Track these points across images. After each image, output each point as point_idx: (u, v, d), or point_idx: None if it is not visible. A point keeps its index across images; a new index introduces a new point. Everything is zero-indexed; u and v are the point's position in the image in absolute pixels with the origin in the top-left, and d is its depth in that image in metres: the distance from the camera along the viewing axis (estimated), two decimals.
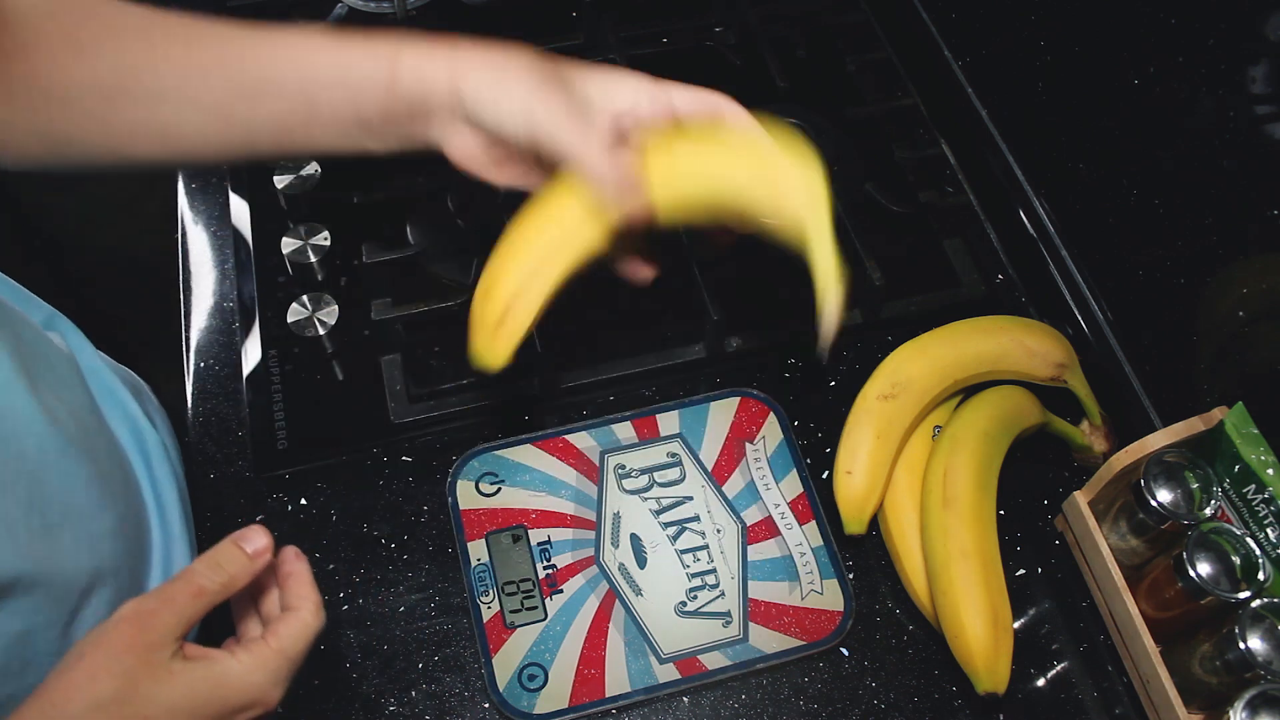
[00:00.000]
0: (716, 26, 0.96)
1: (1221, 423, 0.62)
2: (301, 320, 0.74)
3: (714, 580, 0.66)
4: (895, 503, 0.67)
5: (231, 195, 0.83)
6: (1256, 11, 0.59)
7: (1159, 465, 0.62)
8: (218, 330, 0.77)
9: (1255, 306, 0.62)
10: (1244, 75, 0.60)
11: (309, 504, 0.69)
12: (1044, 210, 0.79)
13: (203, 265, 0.80)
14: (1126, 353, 0.73)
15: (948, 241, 0.83)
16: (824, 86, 0.92)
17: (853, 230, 0.79)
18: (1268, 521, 0.60)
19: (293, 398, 0.73)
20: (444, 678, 0.63)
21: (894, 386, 0.67)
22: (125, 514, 0.59)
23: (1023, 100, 0.82)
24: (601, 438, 0.71)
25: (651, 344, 0.77)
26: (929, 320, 0.73)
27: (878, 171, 0.86)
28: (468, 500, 0.68)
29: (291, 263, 0.77)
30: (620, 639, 0.63)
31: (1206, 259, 0.66)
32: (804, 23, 0.96)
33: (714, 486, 0.69)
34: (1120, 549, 0.64)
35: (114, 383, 0.66)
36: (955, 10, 0.89)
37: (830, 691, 0.64)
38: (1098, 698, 0.64)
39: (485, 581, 0.65)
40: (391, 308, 0.75)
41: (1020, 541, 0.70)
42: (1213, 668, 0.57)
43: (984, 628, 0.59)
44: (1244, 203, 0.62)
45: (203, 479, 0.70)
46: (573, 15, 0.93)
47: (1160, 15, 0.65)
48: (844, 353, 0.77)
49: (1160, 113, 0.67)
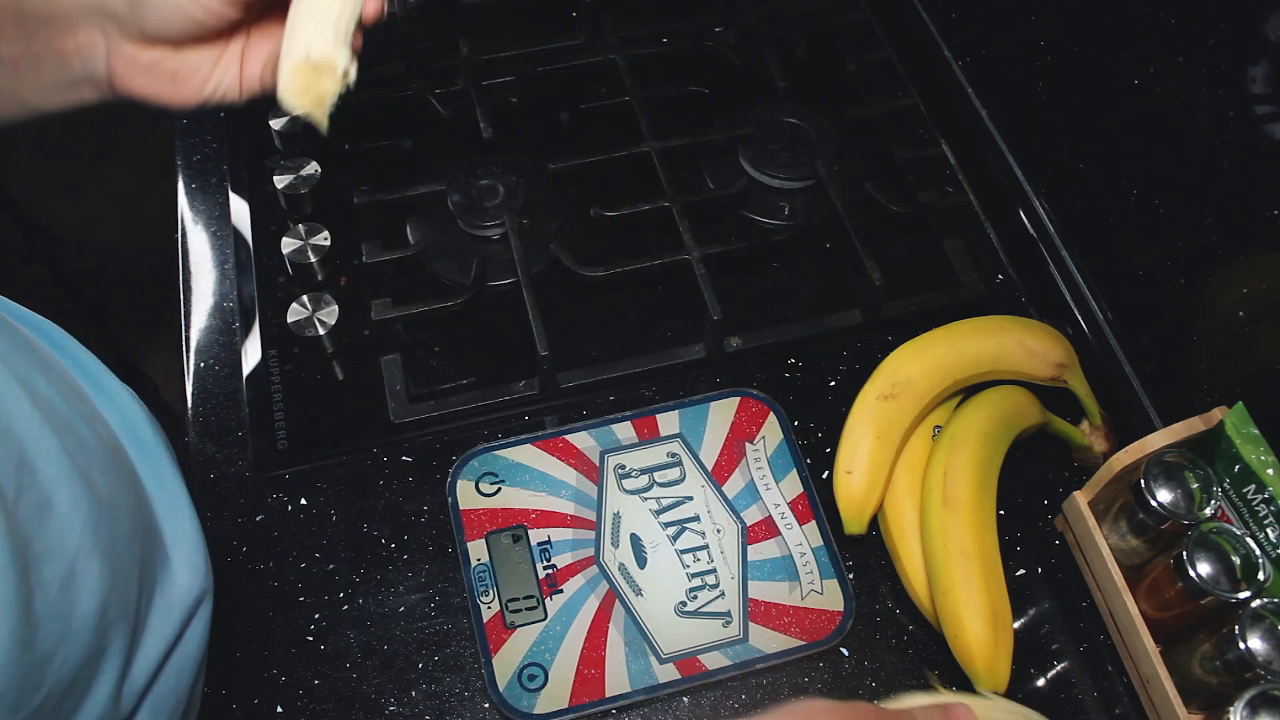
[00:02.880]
0: (716, 26, 0.96)
1: (1222, 423, 0.62)
2: (301, 320, 0.74)
3: (714, 580, 0.66)
4: (895, 503, 0.67)
5: (231, 195, 0.84)
6: (1256, 11, 0.59)
7: (1159, 465, 0.62)
8: (218, 330, 0.77)
9: (1255, 306, 0.62)
10: (1244, 75, 0.60)
11: (309, 504, 0.69)
12: (1044, 210, 0.79)
13: (203, 265, 0.80)
14: (1126, 353, 0.73)
15: (948, 241, 0.83)
16: (824, 86, 0.92)
17: (853, 230, 0.79)
18: (1268, 521, 0.60)
19: (293, 398, 0.73)
20: (444, 678, 0.63)
21: (894, 386, 0.67)
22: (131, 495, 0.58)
23: (1023, 100, 0.82)
24: (601, 438, 0.71)
25: (651, 344, 0.77)
26: (929, 320, 0.73)
27: (878, 171, 0.86)
28: (468, 500, 0.68)
29: (291, 263, 0.77)
30: (620, 639, 0.63)
31: (1206, 259, 0.66)
32: (804, 23, 0.96)
33: (714, 486, 0.69)
34: (1120, 549, 0.64)
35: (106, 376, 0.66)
36: (955, 10, 0.89)
37: (830, 691, 0.64)
38: (1098, 698, 0.64)
39: (485, 581, 0.65)
40: (391, 308, 0.75)
41: (1020, 541, 0.70)
42: (1213, 668, 0.57)
43: (984, 628, 0.59)
44: (1244, 203, 0.62)
45: (203, 479, 0.70)
46: (573, 15, 0.93)
47: (1160, 15, 0.65)
48: (844, 353, 0.77)
49: (1160, 113, 0.67)
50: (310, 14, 0.51)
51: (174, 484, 0.64)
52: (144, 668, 0.54)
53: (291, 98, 0.50)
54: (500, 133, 0.86)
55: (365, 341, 0.76)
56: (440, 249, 0.80)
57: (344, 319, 0.75)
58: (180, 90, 0.53)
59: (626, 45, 0.92)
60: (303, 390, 0.74)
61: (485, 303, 0.78)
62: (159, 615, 0.56)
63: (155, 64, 0.51)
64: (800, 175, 0.84)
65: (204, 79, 0.54)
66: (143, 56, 0.51)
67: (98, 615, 0.49)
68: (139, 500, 0.58)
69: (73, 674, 0.47)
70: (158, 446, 0.65)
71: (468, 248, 0.80)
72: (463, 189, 0.81)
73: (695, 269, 0.76)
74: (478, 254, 0.79)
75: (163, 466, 0.64)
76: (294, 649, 0.64)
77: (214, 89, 0.54)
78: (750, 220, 0.84)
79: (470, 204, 0.80)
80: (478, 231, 0.80)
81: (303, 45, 0.50)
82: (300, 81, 0.50)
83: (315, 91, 0.50)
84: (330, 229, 0.78)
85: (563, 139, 0.88)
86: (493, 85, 0.89)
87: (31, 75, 0.51)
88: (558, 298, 0.78)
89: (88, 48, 0.50)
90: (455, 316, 0.76)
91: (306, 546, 0.68)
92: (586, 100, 0.90)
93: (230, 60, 0.55)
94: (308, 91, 0.50)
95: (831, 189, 0.81)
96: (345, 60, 0.50)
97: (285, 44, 0.51)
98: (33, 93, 0.51)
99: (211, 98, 0.54)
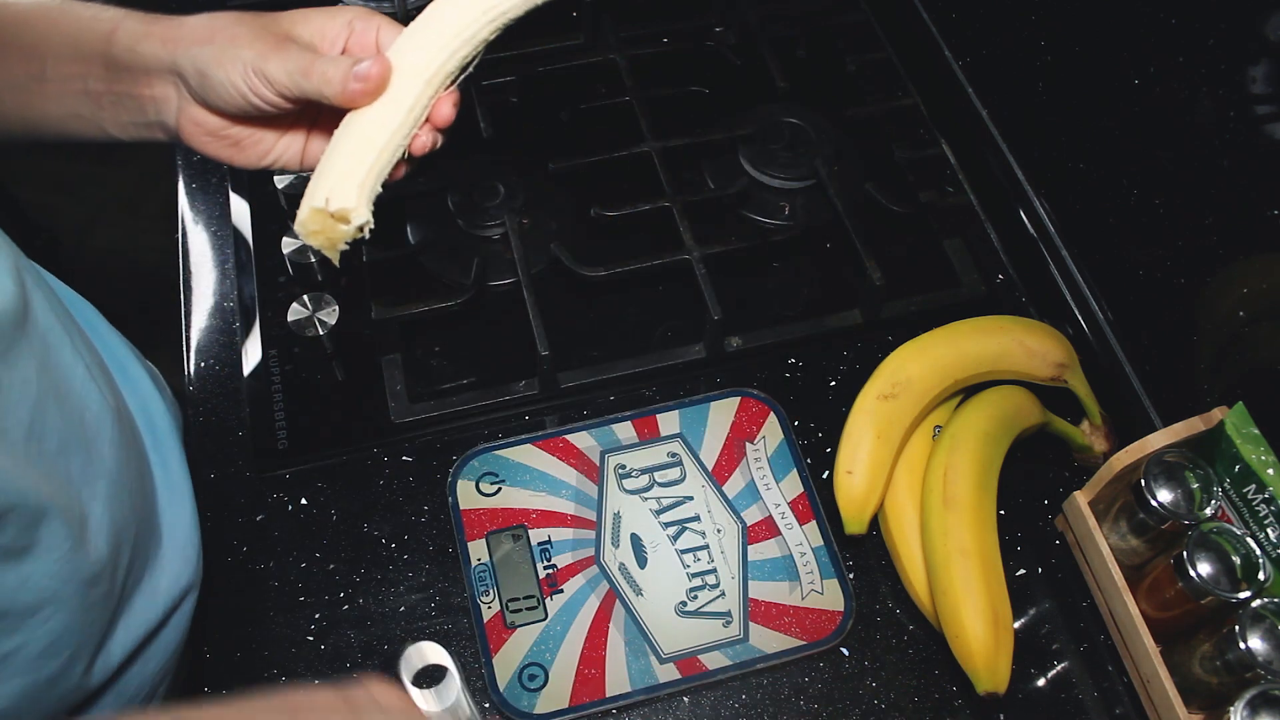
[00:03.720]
0: (716, 26, 0.96)
1: (1222, 423, 0.62)
2: (301, 320, 0.74)
3: (714, 580, 0.66)
4: (895, 503, 0.67)
5: (232, 195, 0.84)
6: (1256, 11, 0.59)
7: (1159, 465, 0.62)
8: (218, 330, 0.77)
9: (1255, 306, 0.62)
10: (1244, 75, 0.60)
11: (309, 504, 0.69)
12: (1044, 210, 0.79)
13: (203, 265, 0.80)
14: (1126, 353, 0.73)
15: (948, 241, 0.83)
16: (824, 86, 0.92)
17: (853, 230, 0.79)
18: (1268, 521, 0.60)
19: (293, 398, 0.73)
20: None
21: (894, 386, 0.67)
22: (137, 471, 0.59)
23: (1023, 100, 0.82)
24: (602, 438, 0.71)
25: (651, 344, 0.77)
26: (929, 320, 0.73)
27: (878, 171, 0.86)
28: (468, 500, 0.68)
29: (291, 262, 0.77)
30: (620, 639, 0.63)
31: (1206, 259, 0.66)
32: (804, 23, 0.96)
33: (714, 486, 0.69)
34: (1120, 549, 0.64)
35: (130, 360, 0.67)
36: (955, 10, 0.89)
37: (830, 691, 0.64)
38: (1098, 698, 0.64)
39: (485, 581, 0.65)
40: (391, 308, 0.75)
41: (1020, 541, 0.70)
42: (1213, 668, 0.57)
43: (984, 627, 0.59)
44: (1244, 203, 0.62)
45: (203, 479, 0.70)
46: (573, 15, 0.93)
47: (1160, 15, 0.65)
48: (844, 353, 0.77)
49: (1160, 113, 0.67)
50: (344, 158, 0.51)
51: (179, 475, 0.65)
52: (121, 646, 0.55)
53: (306, 234, 0.52)
54: (500, 132, 0.86)
55: (365, 341, 0.76)
56: (440, 249, 0.80)
57: (344, 319, 0.75)
58: (242, 155, 0.55)
59: (626, 45, 0.92)
60: (303, 390, 0.74)
61: (485, 303, 0.78)
62: (144, 598, 0.57)
63: (220, 129, 0.54)
64: (800, 175, 0.84)
65: (266, 149, 0.56)
66: (209, 121, 0.53)
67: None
68: (143, 481, 0.59)
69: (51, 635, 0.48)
70: (170, 436, 0.66)
71: (468, 248, 0.80)
72: (462, 188, 0.81)
73: (695, 269, 0.76)
74: (478, 254, 0.79)
75: (171, 457, 0.65)
76: (294, 649, 0.64)
77: (275, 159, 0.56)
78: (750, 220, 0.84)
79: (470, 204, 0.80)
80: (478, 231, 0.80)
81: (325, 191, 0.50)
82: (316, 224, 0.51)
83: (329, 235, 0.51)
84: None
85: (563, 139, 0.88)
86: (493, 85, 0.89)
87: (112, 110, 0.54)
88: (558, 298, 0.78)
89: (162, 100, 0.53)
90: (455, 316, 0.76)
91: (306, 546, 0.68)
92: (586, 100, 0.90)
93: (295, 136, 0.56)
94: (322, 233, 0.51)
95: (831, 189, 0.81)
96: (364, 216, 0.51)
97: (313, 180, 0.51)
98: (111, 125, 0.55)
99: (273, 165, 0.56)
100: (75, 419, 0.51)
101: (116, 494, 0.54)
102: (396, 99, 0.51)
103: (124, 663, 0.56)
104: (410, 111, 0.51)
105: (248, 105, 0.51)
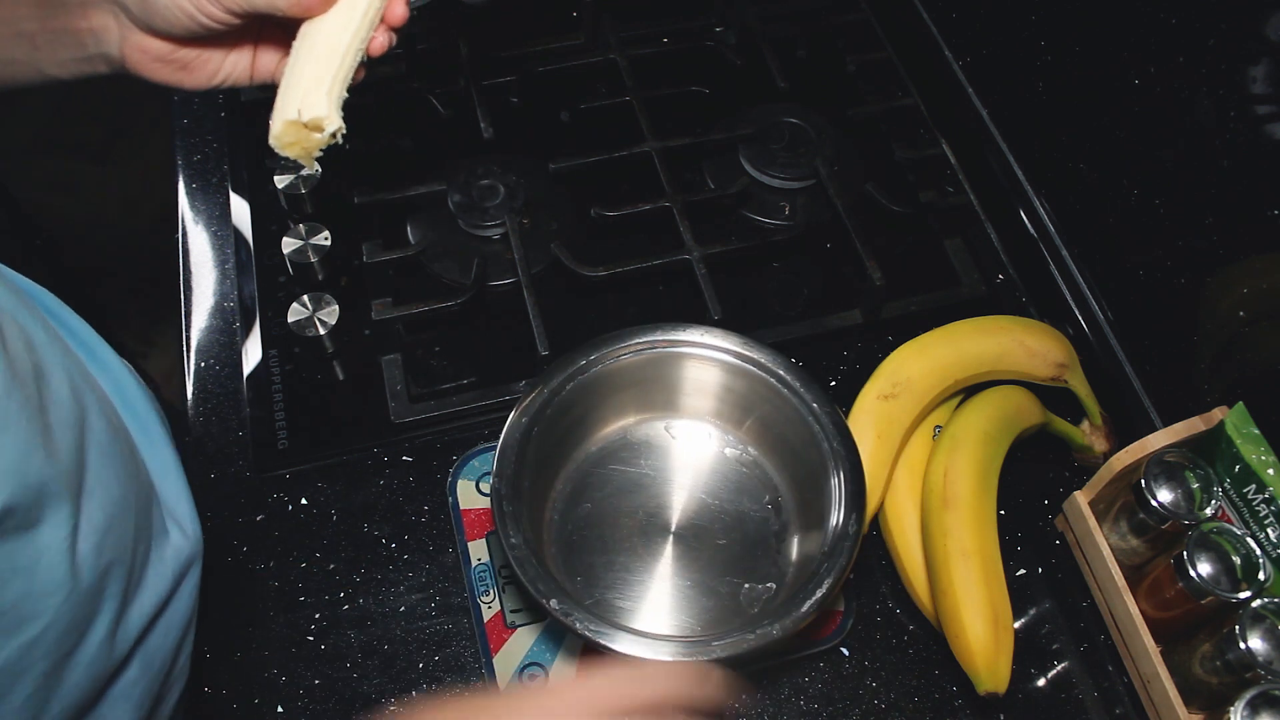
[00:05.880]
0: (716, 26, 0.96)
1: (1222, 423, 0.62)
2: (302, 320, 0.74)
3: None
4: (895, 503, 0.67)
5: (232, 195, 0.84)
6: (1256, 11, 0.59)
7: (1159, 465, 0.62)
8: (218, 330, 0.77)
9: (1255, 306, 0.62)
10: (1244, 75, 0.60)
11: (309, 504, 0.69)
12: (1044, 210, 0.79)
13: (203, 265, 0.80)
14: (1126, 353, 0.73)
15: (948, 241, 0.83)
16: (824, 86, 0.92)
17: (853, 230, 0.79)
18: (1268, 521, 0.60)
19: (293, 398, 0.73)
20: (444, 678, 0.63)
21: (894, 386, 0.67)
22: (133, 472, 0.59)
23: (1023, 100, 0.82)
24: None
25: None
26: (929, 320, 0.73)
27: (878, 171, 0.86)
28: (468, 500, 0.68)
29: (292, 263, 0.77)
30: None
31: (1206, 259, 0.66)
32: (804, 23, 0.96)
33: None
34: (1120, 549, 0.64)
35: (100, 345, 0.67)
36: (955, 10, 0.89)
37: (830, 691, 0.64)
38: (1098, 698, 0.64)
39: (486, 581, 0.65)
40: (391, 308, 0.75)
41: (1020, 541, 0.70)
42: (1213, 668, 0.57)
43: (984, 627, 0.59)
44: (1244, 203, 0.62)
45: (203, 479, 0.70)
46: (573, 15, 0.93)
47: (1160, 15, 0.65)
48: (844, 353, 0.77)
49: (1160, 113, 0.67)
50: (308, 68, 0.52)
51: (166, 451, 0.65)
52: (138, 617, 0.55)
53: (281, 147, 0.52)
54: (500, 132, 0.86)
55: (365, 341, 0.76)
56: (440, 249, 0.80)
57: (344, 319, 0.75)
58: (190, 77, 0.55)
59: (626, 45, 0.92)
60: (303, 390, 0.74)
61: (485, 303, 0.78)
62: (154, 570, 0.57)
63: (166, 54, 0.54)
64: (800, 175, 0.84)
65: (215, 69, 0.56)
66: (155, 47, 0.53)
67: (94, 555, 0.49)
68: (133, 455, 0.59)
69: (73, 610, 0.48)
70: (150, 414, 0.66)
71: (468, 248, 0.80)
72: (463, 189, 0.81)
73: (695, 269, 0.76)
74: (478, 254, 0.79)
75: (155, 434, 0.65)
76: (294, 649, 0.64)
77: (225, 77, 0.56)
78: (750, 220, 0.84)
79: (470, 204, 0.80)
80: (478, 231, 0.80)
81: (295, 102, 0.51)
82: (291, 136, 0.52)
83: (304, 145, 0.52)
84: (331, 229, 0.78)
85: (563, 139, 0.88)
86: (493, 85, 0.89)
87: (49, 49, 0.53)
88: (558, 298, 0.78)
89: (101, 31, 0.53)
90: (455, 316, 0.76)
91: (306, 546, 0.68)
92: (587, 100, 0.90)
93: (242, 53, 0.57)
94: (297, 144, 0.52)
95: (831, 189, 0.81)
96: (336, 123, 0.52)
97: (280, 94, 0.52)
98: (50, 64, 0.54)
99: (222, 84, 0.56)
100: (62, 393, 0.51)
101: (109, 464, 0.54)
102: (351, 3, 0.52)
103: (141, 634, 0.56)
104: (365, 15, 0.52)
105: (196, 25, 0.50)
